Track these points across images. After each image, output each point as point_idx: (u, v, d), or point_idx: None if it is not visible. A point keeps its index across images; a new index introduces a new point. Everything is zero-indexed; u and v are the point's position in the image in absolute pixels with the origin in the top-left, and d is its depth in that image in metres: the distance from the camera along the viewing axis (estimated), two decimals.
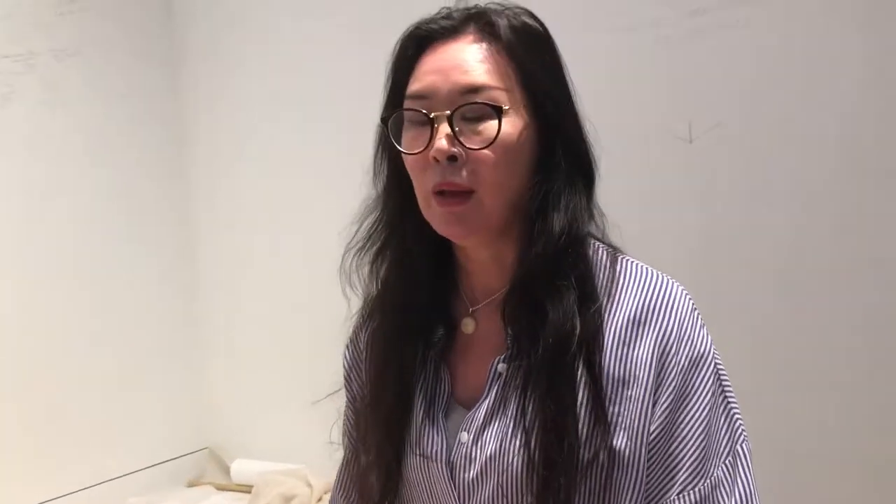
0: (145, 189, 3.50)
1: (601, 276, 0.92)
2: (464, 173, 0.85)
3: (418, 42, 0.92)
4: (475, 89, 0.85)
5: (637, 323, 0.89)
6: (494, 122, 0.85)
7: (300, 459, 3.33)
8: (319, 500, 2.27)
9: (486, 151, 0.85)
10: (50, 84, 3.09)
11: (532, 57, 0.90)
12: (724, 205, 2.34)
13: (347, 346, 1.09)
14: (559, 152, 0.90)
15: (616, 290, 0.91)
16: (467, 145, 0.85)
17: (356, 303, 1.05)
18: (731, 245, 2.32)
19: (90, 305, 3.25)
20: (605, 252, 0.95)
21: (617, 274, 0.92)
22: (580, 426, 0.85)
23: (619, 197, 0.99)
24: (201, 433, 3.78)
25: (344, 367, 1.09)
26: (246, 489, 3.42)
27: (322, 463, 3.11)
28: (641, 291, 0.91)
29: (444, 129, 0.85)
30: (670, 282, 0.92)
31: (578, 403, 0.86)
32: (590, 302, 0.88)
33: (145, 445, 3.51)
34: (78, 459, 3.14)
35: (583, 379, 0.87)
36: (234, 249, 3.63)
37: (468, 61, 0.88)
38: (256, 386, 3.63)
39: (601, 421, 0.86)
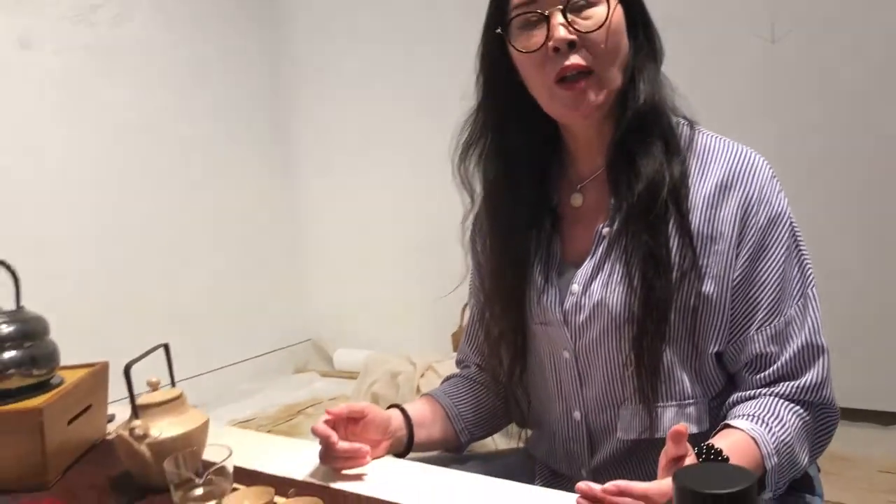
0: (248, 109, 3.73)
1: (683, 140, 1.02)
2: (582, 55, 0.95)
3: None
4: None
5: (723, 187, 0.98)
6: (601, 7, 0.95)
7: (396, 351, 3.56)
8: (422, 375, 2.45)
9: (599, 32, 0.95)
10: (160, 5, 3.29)
11: None
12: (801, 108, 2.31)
13: (470, 232, 1.20)
14: (641, 32, 1.00)
15: (701, 158, 1.01)
16: (582, 30, 0.95)
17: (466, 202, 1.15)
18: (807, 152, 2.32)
19: (209, 218, 3.53)
20: (683, 124, 1.04)
21: (697, 142, 1.02)
22: (673, 272, 0.97)
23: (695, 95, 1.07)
24: (305, 327, 4.05)
25: (470, 247, 1.21)
26: (347, 375, 3.69)
27: (419, 350, 3.36)
28: (727, 160, 1.00)
29: (559, 19, 0.95)
30: (752, 151, 1.02)
31: (672, 252, 0.97)
32: (674, 159, 0.99)
33: (256, 337, 3.81)
34: (197, 350, 3.45)
35: (674, 226, 0.97)
36: (335, 160, 3.79)
37: None
38: (356, 283, 3.83)
39: (691, 262, 0.97)
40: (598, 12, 0.96)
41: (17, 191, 2.78)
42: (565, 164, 1.11)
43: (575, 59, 0.96)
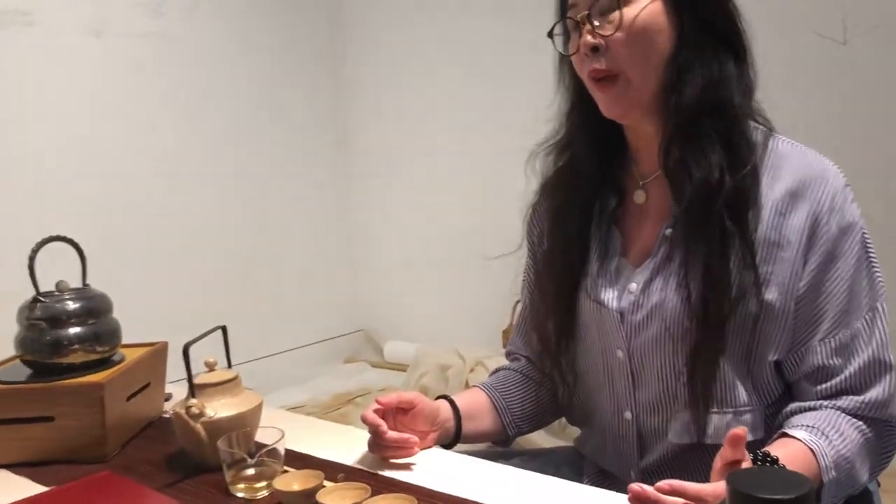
0: (310, 99, 3.76)
1: (757, 146, 1.00)
2: (606, 59, 0.96)
3: None
4: None
5: (794, 195, 0.96)
6: (628, 8, 0.95)
7: (449, 344, 3.57)
8: (472, 370, 2.45)
9: (617, 35, 0.95)
10: None
11: None
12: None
13: (531, 206, 1.21)
14: (690, 24, 0.97)
15: (773, 166, 0.98)
16: (602, 33, 0.96)
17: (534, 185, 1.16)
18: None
19: (269, 207, 3.60)
20: (759, 131, 1.01)
21: (770, 150, 0.99)
22: (733, 279, 0.95)
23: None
24: (357, 318, 4.09)
25: (526, 221, 1.22)
26: (398, 367, 3.71)
27: (468, 345, 3.37)
28: (799, 167, 0.97)
29: (586, 26, 0.97)
30: (825, 159, 0.99)
31: (732, 260, 0.95)
32: (739, 166, 0.96)
33: (308, 326, 3.86)
34: (253, 335, 3.52)
35: (736, 243, 0.95)
36: (394, 154, 3.80)
37: None
38: (409, 277, 3.85)
39: (753, 275, 0.94)
40: (622, 14, 0.95)
41: (87, 172, 2.87)
42: (630, 159, 1.10)
43: (597, 64, 0.97)
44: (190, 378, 1.01)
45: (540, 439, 2.07)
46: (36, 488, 1.00)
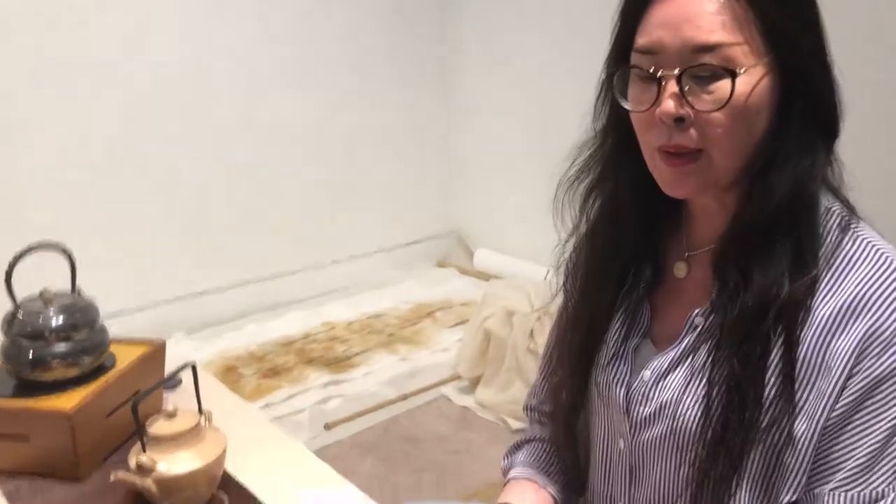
0: (406, 8, 3.64)
1: (826, 243, 0.79)
2: (692, 133, 0.77)
3: None
4: (708, 48, 0.75)
5: (850, 312, 0.76)
6: (727, 83, 0.75)
7: (539, 261, 3.46)
8: (538, 318, 2.35)
9: (717, 114, 0.75)
10: None
11: (777, 2, 0.74)
12: None
13: (563, 263, 1.07)
14: (797, 107, 0.78)
15: (838, 271, 0.78)
16: (696, 107, 0.76)
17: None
18: None
19: (370, 110, 3.57)
20: (837, 217, 0.80)
21: (843, 249, 0.78)
22: (765, 395, 0.78)
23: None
24: (451, 219, 4.03)
25: (563, 271, 1.08)
26: (484, 276, 3.66)
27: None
28: (865, 278, 0.77)
29: (672, 87, 0.76)
30: None
31: (767, 374, 0.78)
32: (803, 271, 0.78)
33: (401, 226, 3.85)
34: (348, 235, 3.58)
35: (778, 350, 0.77)
36: (483, 68, 3.63)
37: (702, 14, 0.75)
38: (503, 186, 3.72)
39: (787, 398, 0.77)
40: (722, 88, 0.74)
41: (166, 117, 2.87)
42: (680, 225, 0.93)
43: (679, 140, 0.77)
44: (140, 430, 0.96)
45: None
46: None
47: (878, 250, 0.78)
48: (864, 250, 0.78)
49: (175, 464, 0.96)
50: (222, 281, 3.18)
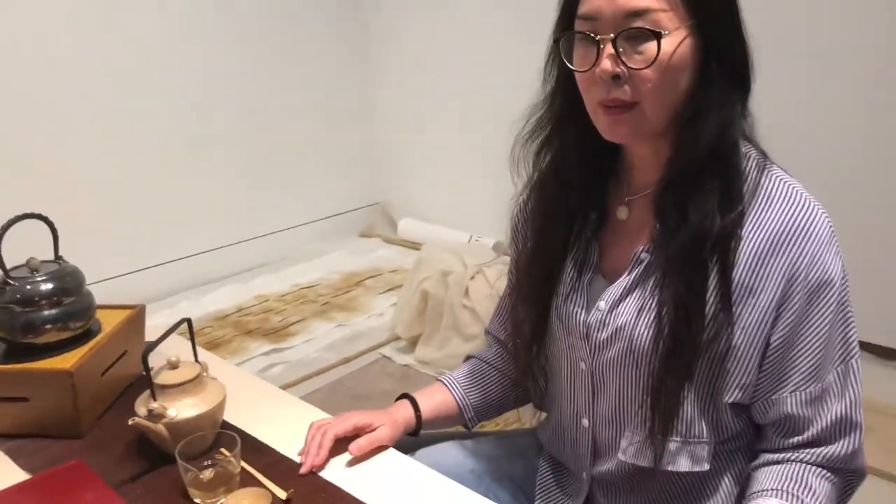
0: None
1: (748, 182, 0.94)
2: (627, 88, 0.90)
3: None
4: (638, 13, 0.88)
5: (776, 242, 0.92)
6: (654, 44, 0.88)
7: (462, 227, 3.58)
8: (472, 277, 2.47)
9: (647, 71, 0.89)
10: None
11: None
12: None
13: (517, 210, 1.18)
14: (715, 65, 0.91)
15: (760, 206, 0.94)
16: (630, 65, 0.89)
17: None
18: None
19: (284, 80, 3.57)
20: (754, 161, 0.95)
21: (762, 187, 0.94)
22: (707, 312, 0.93)
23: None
24: (374, 190, 4.10)
25: (512, 225, 1.19)
26: (411, 245, 3.77)
27: (483, 230, 3.37)
28: (785, 212, 0.93)
29: (608, 50, 0.89)
30: (814, 206, 0.94)
31: (708, 294, 0.93)
32: (731, 206, 0.93)
33: (324, 199, 3.89)
34: (270, 208, 3.59)
35: (715, 276, 0.92)
36: (414, 29, 3.67)
37: None
38: (428, 152, 3.81)
39: (726, 314, 0.92)
40: (650, 49, 0.88)
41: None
42: (620, 172, 1.06)
43: (616, 94, 0.90)
44: (150, 379, 1.04)
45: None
46: (10, 466, 1.07)
47: (791, 188, 0.95)
48: (780, 189, 0.95)
49: (183, 409, 1.04)
50: (152, 259, 3.18)
